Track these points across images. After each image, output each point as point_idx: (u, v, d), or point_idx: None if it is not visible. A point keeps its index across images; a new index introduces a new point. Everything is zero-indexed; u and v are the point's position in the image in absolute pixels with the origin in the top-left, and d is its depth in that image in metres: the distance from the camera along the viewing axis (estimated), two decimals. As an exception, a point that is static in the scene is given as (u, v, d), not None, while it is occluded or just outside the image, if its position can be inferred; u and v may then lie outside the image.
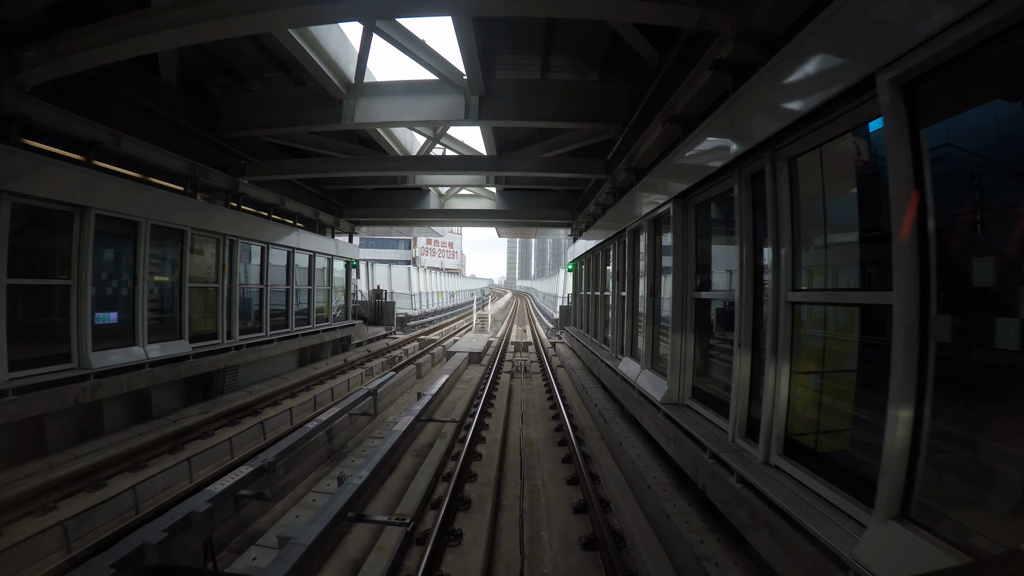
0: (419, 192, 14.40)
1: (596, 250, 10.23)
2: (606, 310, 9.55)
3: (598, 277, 10.35)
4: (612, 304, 8.15)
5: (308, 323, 12.90)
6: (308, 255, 12.86)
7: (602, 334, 9.49)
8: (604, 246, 9.53)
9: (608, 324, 9.24)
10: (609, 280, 9.45)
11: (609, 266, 9.68)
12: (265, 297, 10.96)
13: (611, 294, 8.53)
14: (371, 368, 12.91)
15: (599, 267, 9.94)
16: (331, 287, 13.78)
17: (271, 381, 10.94)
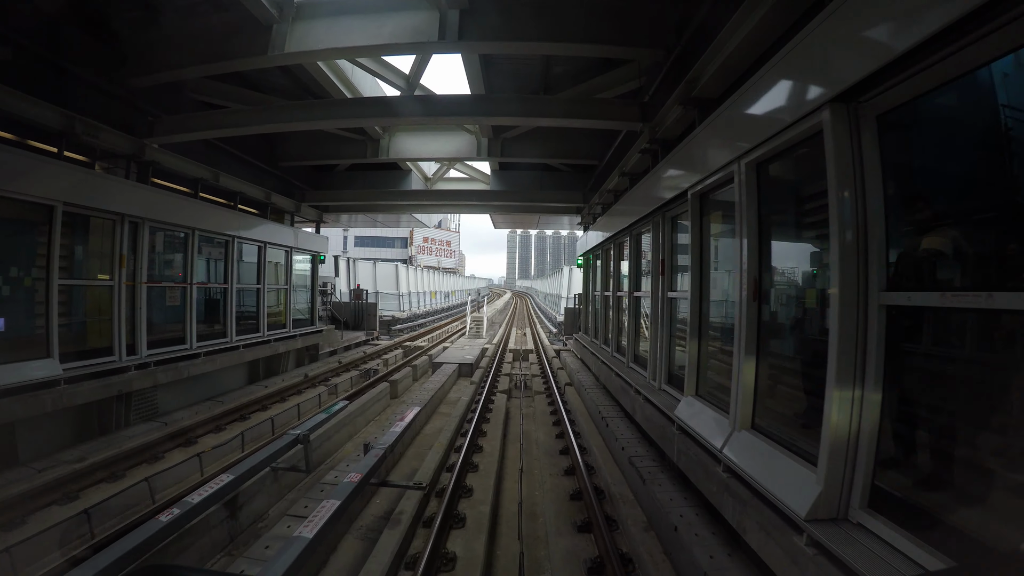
0: (398, 172, 11.96)
1: (621, 236, 7.77)
2: (636, 317, 7.08)
3: (631, 273, 7.88)
4: (659, 311, 5.68)
5: (257, 330, 10.47)
6: (257, 246, 10.44)
7: (631, 350, 7.02)
8: (636, 229, 7.07)
9: (647, 338, 6.76)
10: (643, 278, 7.00)
11: (638, 258, 7.23)
12: (190, 298, 8.52)
13: (652, 295, 6.06)
14: (335, 385, 10.47)
15: (629, 258, 7.46)
16: (289, 286, 11.34)
17: (205, 406, 8.55)
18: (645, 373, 5.94)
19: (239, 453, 6.66)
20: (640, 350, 6.80)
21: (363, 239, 61.52)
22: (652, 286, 5.37)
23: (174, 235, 8.42)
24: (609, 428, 6.67)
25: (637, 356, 6.79)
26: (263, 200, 10.58)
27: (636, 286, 6.74)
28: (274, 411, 8.64)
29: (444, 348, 15.60)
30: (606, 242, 8.50)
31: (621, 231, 7.27)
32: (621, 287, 7.75)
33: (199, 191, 8.97)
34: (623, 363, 7.10)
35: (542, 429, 7.64)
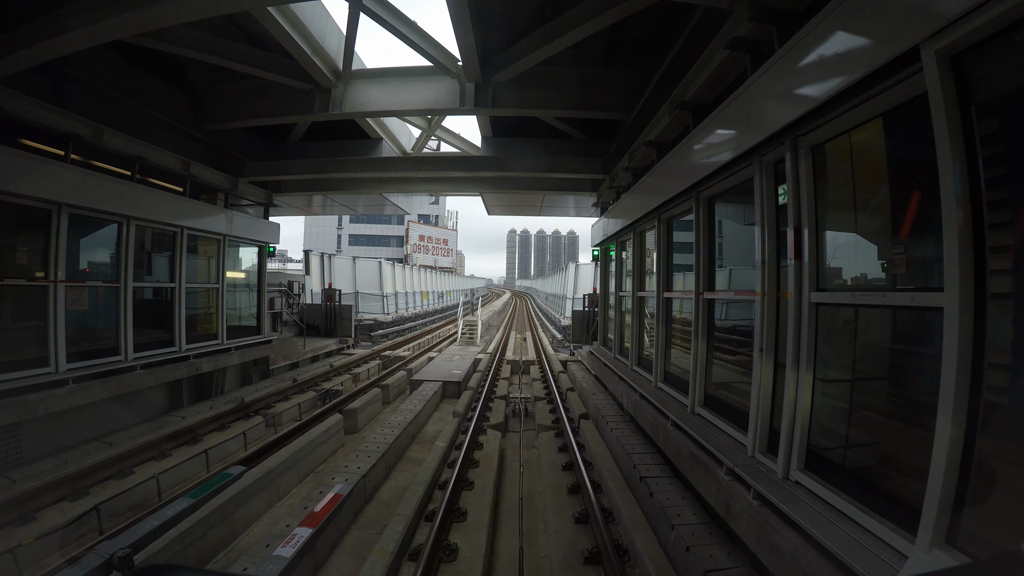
0: (366, 142, 9.46)
1: (680, 205, 5.20)
2: (706, 330, 4.51)
3: (704, 262, 5.28)
4: (800, 322, 3.10)
5: (171, 344, 7.96)
6: (173, 232, 7.94)
7: (699, 386, 4.37)
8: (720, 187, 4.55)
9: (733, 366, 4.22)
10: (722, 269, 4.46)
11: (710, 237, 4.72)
12: (53, 303, 6.03)
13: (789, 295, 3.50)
14: (273, 416, 7.97)
15: (702, 238, 4.86)
16: (222, 285, 8.83)
17: (66, 456, 6.09)
18: (744, 437, 3.39)
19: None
20: (715, 387, 4.24)
21: (358, 237, 59.30)
22: (795, 279, 2.77)
23: (27, 214, 5.93)
24: (655, 500, 4.19)
25: (716, 400, 4.22)
26: (180, 172, 8.07)
27: (708, 282, 4.17)
28: (166, 463, 6.15)
29: (429, 359, 13.09)
30: (642, 221, 5.96)
31: (680, 197, 4.71)
32: (673, 284, 5.19)
33: (71, 151, 6.46)
34: (684, 408, 4.51)
35: (552, 496, 5.11)
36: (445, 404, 9.31)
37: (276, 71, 7.10)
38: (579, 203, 11.24)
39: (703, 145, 3.92)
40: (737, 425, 3.53)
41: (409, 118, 8.83)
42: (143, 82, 7.60)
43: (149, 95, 7.72)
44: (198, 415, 7.93)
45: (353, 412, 7.74)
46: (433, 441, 6.86)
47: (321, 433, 6.67)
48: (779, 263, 3.11)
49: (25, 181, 5.65)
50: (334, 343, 13.77)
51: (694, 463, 3.66)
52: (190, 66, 7.89)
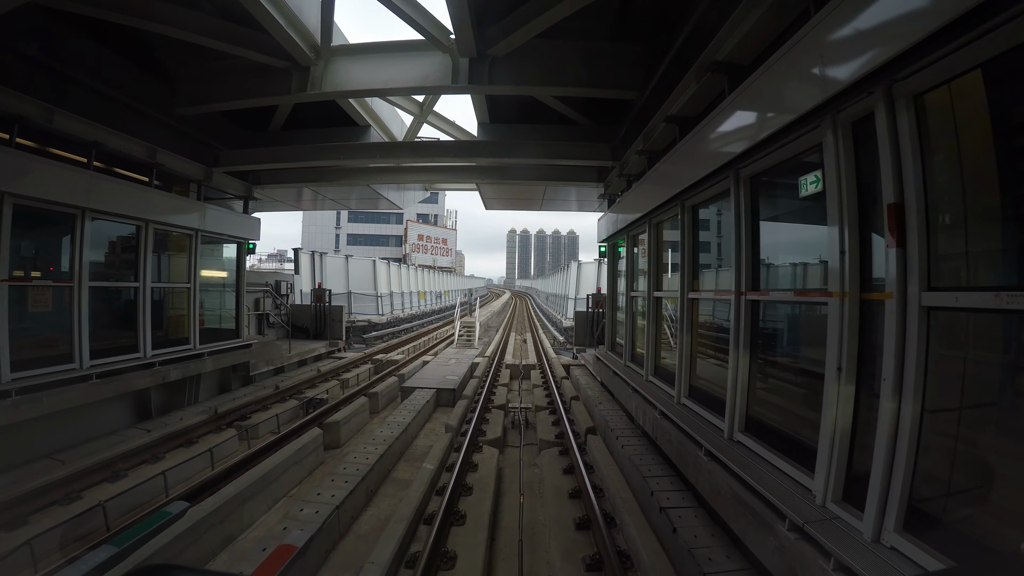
0: (354, 130, 8.71)
1: (713, 187, 4.42)
2: (748, 340, 3.69)
3: (748, 255, 4.50)
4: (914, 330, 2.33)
5: (136, 349, 7.21)
6: (136, 226, 7.20)
7: (737, 408, 3.55)
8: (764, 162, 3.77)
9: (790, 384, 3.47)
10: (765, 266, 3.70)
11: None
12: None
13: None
14: (247, 429, 7.22)
15: (743, 221, 4.06)
16: (194, 284, 8.07)
17: (31, 470, 5.49)
18: (809, 479, 2.63)
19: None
20: (761, 409, 3.46)
21: (357, 237, 58.64)
22: (898, 274, 2.01)
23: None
24: (680, 538, 3.45)
25: (762, 427, 3.43)
26: (145, 159, 7.31)
27: (752, 280, 3.38)
28: (120, 485, 5.39)
29: (424, 363, 12.34)
30: (660, 211, 5.18)
31: (710, 180, 3.94)
32: (700, 283, 4.41)
33: (15, 135, 5.72)
34: (719, 434, 3.72)
35: (557, 532, 4.34)
36: (438, 414, 8.56)
37: (248, 46, 6.37)
38: (582, 196, 10.46)
39: (744, 112, 3.17)
40: (796, 461, 2.78)
41: (400, 103, 8.09)
42: (105, 61, 6.89)
43: (111, 75, 7.00)
44: (165, 428, 7.19)
45: (335, 425, 6.98)
46: (424, 457, 6.11)
47: (296, 451, 5.90)
48: (863, 255, 2.35)
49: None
50: (323, 346, 13.01)
51: (739, 508, 2.91)
52: (158, 45, 7.17)
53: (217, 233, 8.48)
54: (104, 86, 6.95)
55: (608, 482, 5.08)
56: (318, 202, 14.28)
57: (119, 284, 7.11)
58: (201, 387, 8.60)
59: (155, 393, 7.85)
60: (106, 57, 6.88)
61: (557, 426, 7.19)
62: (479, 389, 9.64)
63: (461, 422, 7.29)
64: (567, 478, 5.35)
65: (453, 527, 4.25)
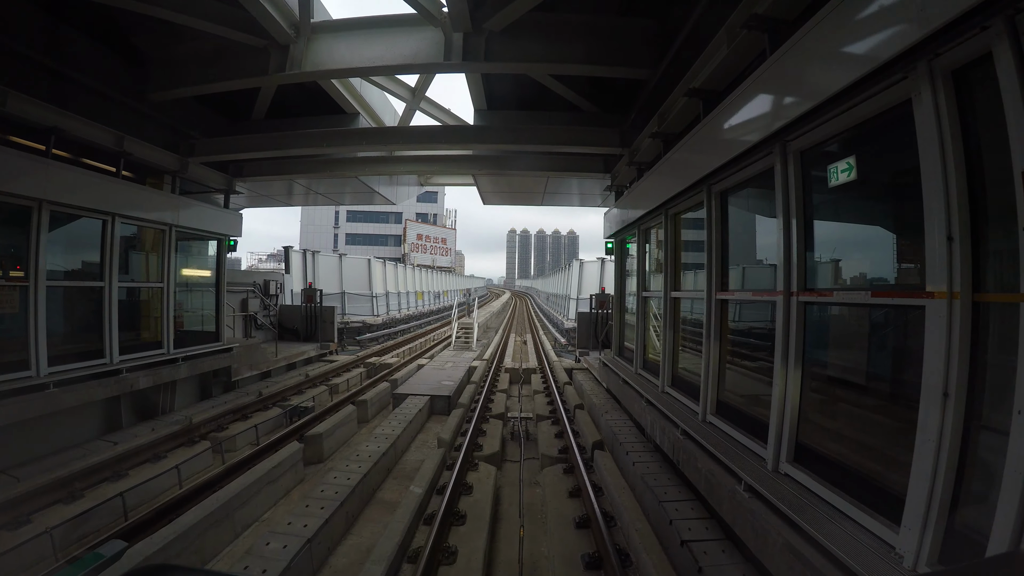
0: (341, 118, 8.11)
1: (732, 171, 3.78)
2: (799, 351, 3.04)
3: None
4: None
5: (101, 355, 6.62)
6: (102, 220, 6.61)
7: (788, 429, 2.90)
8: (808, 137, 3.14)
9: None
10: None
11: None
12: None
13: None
14: (222, 443, 6.62)
15: (794, 201, 3.37)
16: (167, 284, 7.47)
17: None
18: (892, 533, 2.03)
19: None
20: (816, 436, 2.85)
21: (355, 237, 58.14)
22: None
23: None
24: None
25: (820, 459, 2.81)
26: (111, 148, 6.72)
27: (802, 278, 2.75)
28: (76, 507, 4.79)
29: (419, 367, 11.74)
30: (679, 200, 4.56)
31: (746, 159, 3.30)
32: (729, 282, 3.79)
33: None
34: (761, 464, 3.11)
35: (563, 569, 3.74)
36: (432, 423, 7.97)
37: (222, 22, 5.79)
38: (585, 190, 9.86)
39: (796, 70, 2.57)
40: (874, 510, 2.18)
41: (390, 87, 7.49)
42: (65, 39, 6.31)
43: (77, 56, 6.43)
44: (134, 440, 6.61)
45: (317, 438, 6.38)
46: (414, 475, 5.52)
47: (270, 470, 5.31)
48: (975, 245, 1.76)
49: None
50: (314, 349, 12.41)
51: (796, 565, 2.30)
52: (128, 24, 6.61)
53: (194, 229, 7.88)
54: (70, 68, 6.38)
55: (620, 508, 4.48)
56: (310, 197, 13.68)
57: (82, 284, 6.51)
58: (177, 395, 8.01)
59: (125, 402, 7.27)
60: (66, 35, 6.31)
61: (561, 439, 6.59)
62: (476, 396, 9.04)
63: (455, 434, 6.69)
64: (573, 503, 4.75)
65: (442, 566, 3.65)
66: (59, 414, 6.18)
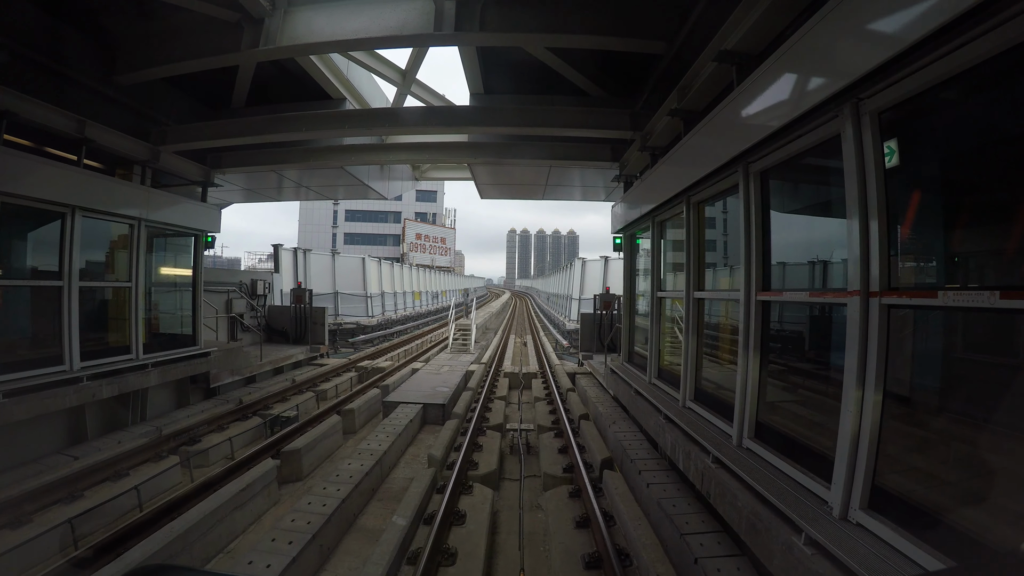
0: (327, 104, 7.48)
1: (775, 145, 3.14)
2: (879, 367, 2.36)
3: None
4: None
5: (60, 361, 6.01)
6: (60, 213, 5.99)
7: (863, 466, 2.26)
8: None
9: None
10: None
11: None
12: None
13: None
14: (189, 459, 6.01)
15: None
16: (135, 282, 6.86)
17: None
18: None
19: None
20: (899, 475, 2.23)
21: (354, 236, 57.60)
22: None
23: None
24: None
25: (896, 502, 2.19)
26: (71, 134, 6.10)
27: (885, 275, 2.13)
28: (22, 534, 4.17)
29: (413, 371, 11.12)
30: (705, 185, 3.93)
31: (800, 126, 2.67)
32: (771, 280, 3.15)
33: None
34: (823, 509, 2.50)
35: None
36: (425, 434, 7.35)
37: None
38: (589, 182, 9.22)
39: (880, 4, 1.95)
40: None
41: (378, 69, 6.86)
42: (27, 16, 5.71)
43: (35, 34, 5.82)
44: (97, 454, 6.00)
45: (295, 455, 5.76)
46: (401, 496, 4.90)
47: (238, 492, 4.69)
48: None
49: None
50: (302, 352, 11.79)
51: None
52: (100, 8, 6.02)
53: (166, 224, 7.26)
54: (24, 47, 5.77)
55: (634, 542, 3.86)
56: (301, 192, 13.06)
57: (37, 283, 5.89)
58: (149, 403, 7.39)
59: (91, 412, 6.65)
60: (33, 14, 5.71)
61: (565, 455, 5.97)
62: (473, 404, 8.42)
63: (448, 450, 6.06)
64: (581, 535, 4.12)
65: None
66: (12, 427, 5.57)
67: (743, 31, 3.13)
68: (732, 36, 3.27)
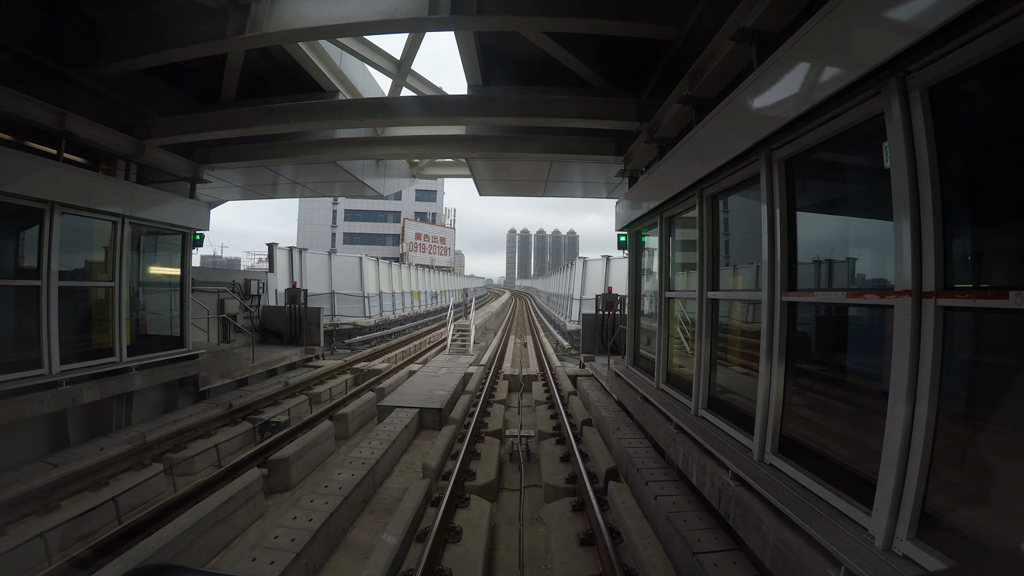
0: (320, 95, 7.20)
1: (804, 127, 2.84)
2: (934, 381, 2.06)
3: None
4: None
5: (38, 364, 5.73)
6: (38, 209, 5.70)
7: (914, 490, 2.00)
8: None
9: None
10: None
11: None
12: None
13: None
14: (173, 468, 5.73)
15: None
16: (118, 282, 6.58)
17: None
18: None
19: None
20: (955, 501, 1.95)
21: (353, 236, 57.33)
22: None
23: None
24: None
25: (948, 532, 1.92)
26: (50, 126, 5.82)
27: (943, 273, 1.84)
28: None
29: (410, 373, 10.84)
30: (721, 176, 3.64)
31: (833, 105, 2.39)
32: (796, 280, 2.85)
33: None
34: (864, 540, 2.22)
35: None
36: (420, 440, 7.06)
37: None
38: (591, 178, 8.92)
39: None
40: None
41: (371, 59, 6.58)
42: (3, 3, 5.44)
43: (12, 22, 5.55)
44: (78, 461, 5.73)
45: (283, 463, 5.48)
46: (394, 507, 4.62)
47: (220, 505, 4.41)
48: None
49: None
50: (297, 353, 11.50)
51: None
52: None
53: (151, 221, 6.98)
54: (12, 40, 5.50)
55: (645, 563, 3.56)
56: (297, 189, 12.76)
57: (13, 283, 5.60)
58: (134, 408, 7.11)
59: (73, 417, 6.38)
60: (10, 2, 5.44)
61: (567, 463, 5.68)
62: (471, 408, 8.13)
63: (444, 458, 5.77)
64: (585, 554, 3.83)
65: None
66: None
67: (765, 5, 2.85)
68: (753, 11, 2.98)
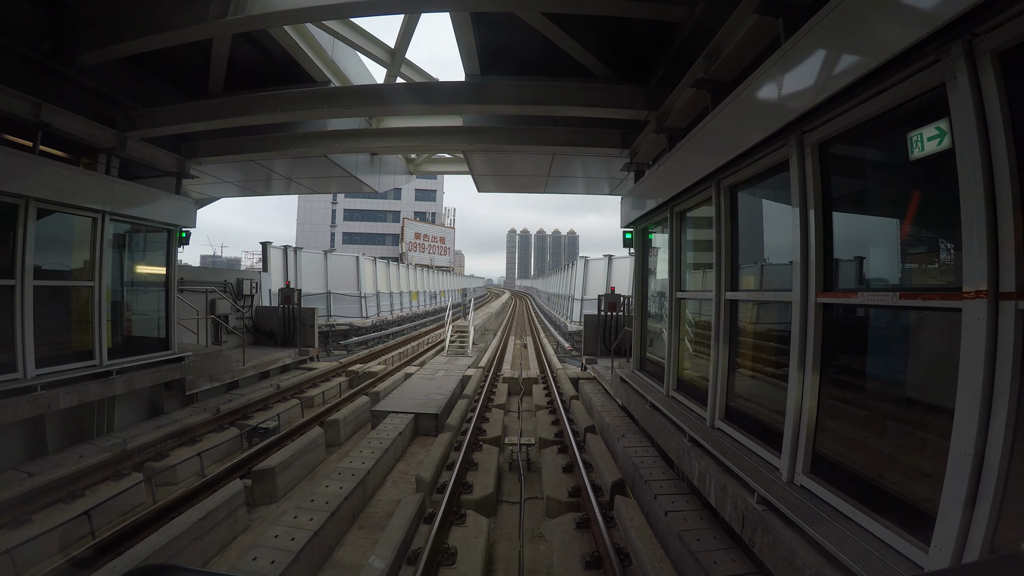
0: (312, 86, 6.88)
1: (839, 107, 2.52)
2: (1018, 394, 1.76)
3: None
4: None
5: (13, 368, 5.41)
6: (12, 204, 5.39)
7: (989, 514, 1.74)
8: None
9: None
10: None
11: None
12: None
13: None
14: (152, 478, 5.42)
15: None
16: (98, 281, 6.26)
17: None
18: None
19: None
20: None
21: (352, 236, 57.04)
22: None
23: None
24: None
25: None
26: (25, 117, 5.51)
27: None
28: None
29: (407, 376, 10.52)
30: (740, 164, 3.31)
31: (886, 75, 2.10)
32: (836, 278, 2.54)
33: None
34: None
35: None
36: (415, 447, 6.75)
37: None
38: (592, 173, 8.57)
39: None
40: None
41: (363, 47, 6.27)
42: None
43: None
44: (54, 470, 5.44)
45: (268, 474, 5.16)
46: (384, 522, 4.32)
47: (197, 521, 4.09)
48: None
49: None
50: (290, 355, 11.18)
51: None
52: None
53: (134, 217, 6.66)
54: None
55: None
56: (292, 186, 12.41)
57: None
58: (117, 413, 6.80)
59: (51, 423, 6.08)
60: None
61: (570, 475, 5.36)
62: (468, 413, 7.81)
63: (439, 469, 5.45)
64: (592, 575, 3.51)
65: None
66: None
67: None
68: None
